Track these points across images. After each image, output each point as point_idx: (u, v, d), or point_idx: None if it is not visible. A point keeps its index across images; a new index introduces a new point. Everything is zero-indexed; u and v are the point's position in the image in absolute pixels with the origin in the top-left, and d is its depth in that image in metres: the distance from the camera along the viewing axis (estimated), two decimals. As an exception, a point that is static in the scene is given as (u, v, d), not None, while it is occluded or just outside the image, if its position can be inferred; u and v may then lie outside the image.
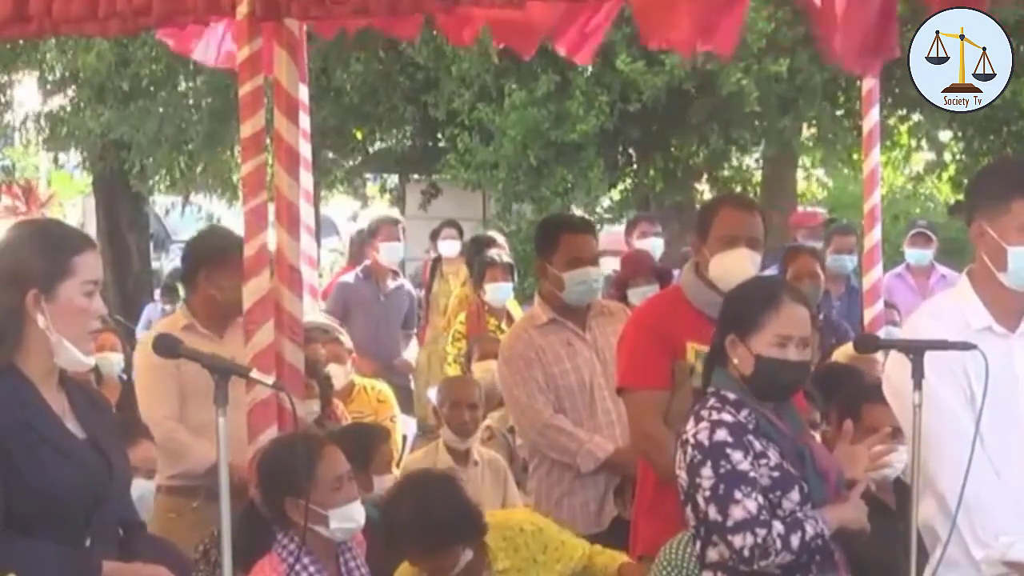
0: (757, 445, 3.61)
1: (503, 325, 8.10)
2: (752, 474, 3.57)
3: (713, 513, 3.58)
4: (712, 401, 3.72)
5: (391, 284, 9.28)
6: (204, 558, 4.70)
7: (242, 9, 4.67)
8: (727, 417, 3.64)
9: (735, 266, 4.45)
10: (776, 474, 3.59)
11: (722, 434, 3.61)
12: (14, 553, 3.06)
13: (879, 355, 5.68)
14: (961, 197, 15.21)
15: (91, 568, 3.17)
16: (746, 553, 3.55)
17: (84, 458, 3.21)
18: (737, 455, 3.58)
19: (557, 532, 4.47)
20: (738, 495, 3.55)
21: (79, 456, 3.20)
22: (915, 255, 9.20)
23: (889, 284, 9.02)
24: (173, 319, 5.58)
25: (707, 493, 3.59)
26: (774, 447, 3.63)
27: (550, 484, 5.23)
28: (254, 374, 3.54)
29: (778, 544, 3.52)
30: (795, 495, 3.59)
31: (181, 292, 6.70)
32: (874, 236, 6.65)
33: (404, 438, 6.97)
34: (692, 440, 3.64)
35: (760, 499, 3.55)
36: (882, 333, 6.42)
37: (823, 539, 3.54)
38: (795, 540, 3.52)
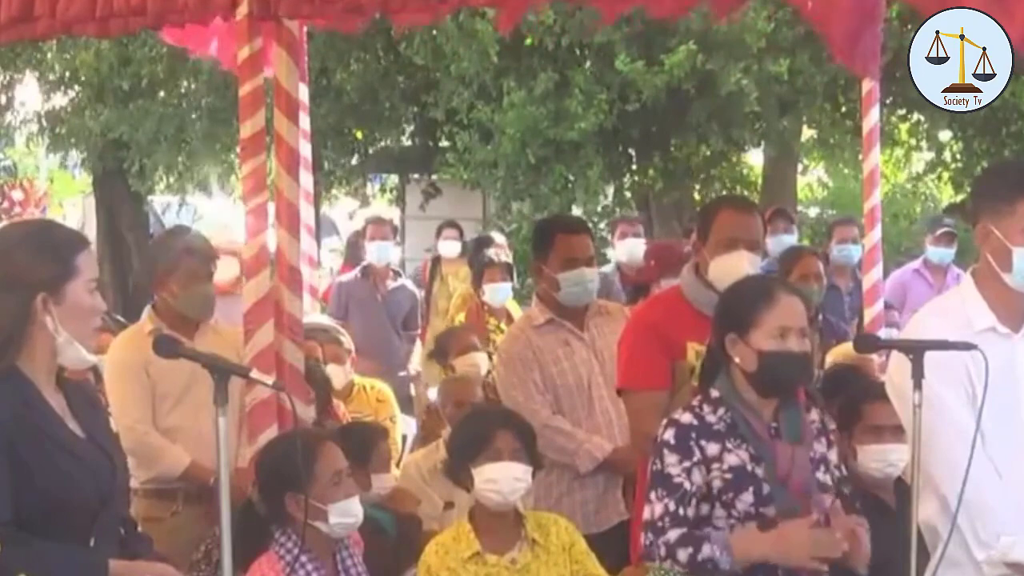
0: (712, 448, 3.68)
1: (503, 325, 8.11)
2: (677, 479, 3.65)
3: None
4: (694, 401, 3.80)
5: (391, 284, 9.29)
6: (206, 558, 4.70)
7: (242, 9, 4.68)
8: (684, 418, 3.74)
9: (734, 268, 4.45)
10: (729, 476, 3.65)
11: (668, 435, 3.73)
12: (25, 553, 3.06)
13: (875, 355, 5.68)
14: (960, 197, 15.26)
15: (100, 567, 3.18)
16: (642, 552, 3.71)
17: (90, 458, 3.23)
18: (671, 458, 3.69)
19: (587, 551, 4.48)
20: (653, 496, 3.69)
21: (86, 456, 3.22)
22: (939, 253, 9.20)
23: (907, 279, 9.04)
24: (140, 324, 5.47)
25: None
26: (746, 448, 3.68)
27: (549, 484, 5.22)
28: (254, 374, 3.54)
29: (662, 551, 3.61)
30: (748, 497, 3.64)
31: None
32: (874, 236, 6.64)
33: (404, 438, 6.97)
34: (656, 437, 3.78)
35: (672, 505, 3.63)
36: (882, 333, 6.42)
37: (715, 564, 3.56)
38: (683, 553, 3.59)
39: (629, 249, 9.22)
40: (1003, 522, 3.51)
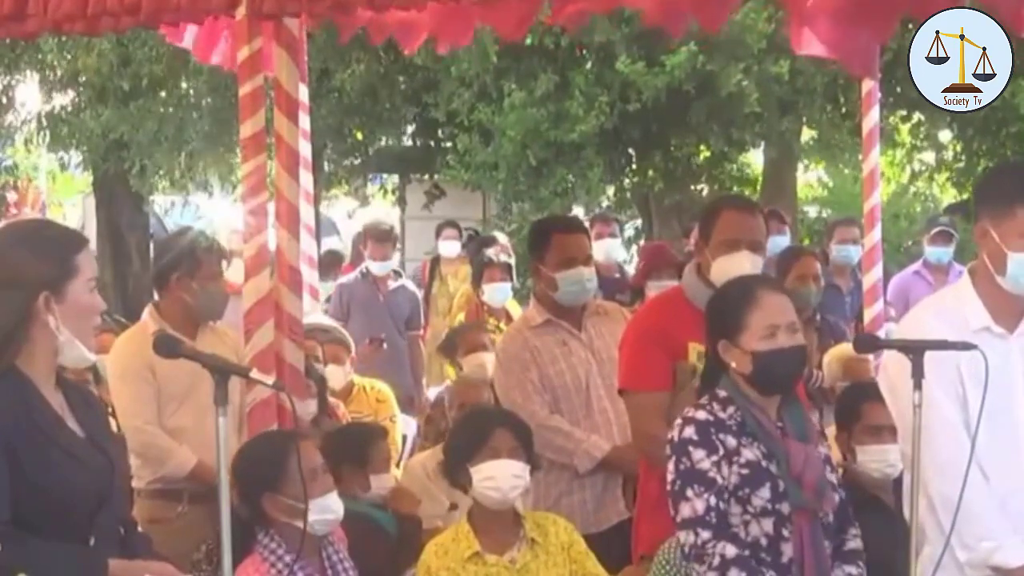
0: (731, 442, 3.69)
1: (502, 325, 8.10)
2: (711, 474, 3.65)
3: (672, 507, 3.70)
4: (702, 399, 3.81)
5: (392, 284, 9.29)
6: (207, 558, 4.70)
7: (241, 10, 4.68)
8: (700, 415, 3.74)
9: (737, 269, 4.44)
10: (746, 471, 3.66)
11: (689, 431, 3.72)
12: (24, 552, 3.07)
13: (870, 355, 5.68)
14: (961, 198, 15.26)
15: (99, 566, 3.19)
16: (686, 550, 3.66)
17: (89, 458, 3.24)
18: (698, 453, 3.68)
19: (586, 551, 4.47)
20: (689, 493, 3.66)
21: (85, 456, 3.23)
22: (936, 253, 9.20)
23: (907, 281, 9.03)
24: (142, 325, 5.45)
25: (669, 488, 3.72)
26: (757, 446, 3.69)
27: (548, 484, 5.22)
28: (254, 374, 3.55)
29: (715, 560, 3.59)
30: (765, 492, 3.65)
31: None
32: (874, 236, 6.64)
33: (404, 438, 6.97)
34: (670, 437, 3.76)
35: (712, 500, 3.62)
36: (882, 332, 6.42)
37: None
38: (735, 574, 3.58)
39: (605, 249, 9.21)
40: (987, 524, 3.52)
